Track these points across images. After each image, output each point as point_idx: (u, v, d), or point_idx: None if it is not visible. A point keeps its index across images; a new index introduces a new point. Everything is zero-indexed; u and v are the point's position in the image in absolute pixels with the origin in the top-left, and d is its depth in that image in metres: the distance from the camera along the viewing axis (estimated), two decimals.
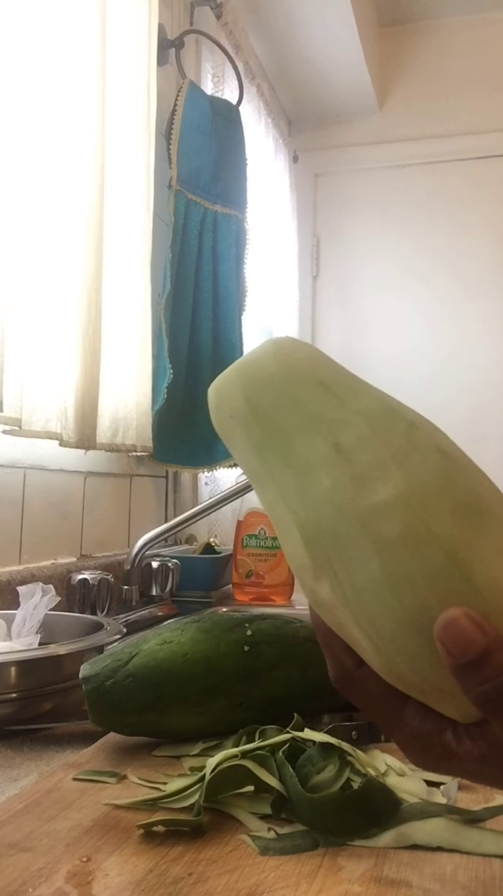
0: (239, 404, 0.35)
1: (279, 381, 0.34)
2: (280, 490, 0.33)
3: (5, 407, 0.99)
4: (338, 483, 0.31)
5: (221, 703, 0.62)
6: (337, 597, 0.31)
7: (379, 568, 0.30)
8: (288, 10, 2.10)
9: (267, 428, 0.34)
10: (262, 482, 0.34)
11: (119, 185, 1.28)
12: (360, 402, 0.33)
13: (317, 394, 0.34)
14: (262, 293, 2.15)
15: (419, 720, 0.33)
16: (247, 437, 0.34)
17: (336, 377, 0.34)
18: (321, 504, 0.31)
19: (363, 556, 0.30)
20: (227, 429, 0.36)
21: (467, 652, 0.29)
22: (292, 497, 0.32)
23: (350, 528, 0.30)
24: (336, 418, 0.33)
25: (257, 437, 0.34)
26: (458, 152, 2.60)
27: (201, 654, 0.63)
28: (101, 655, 0.66)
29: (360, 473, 0.31)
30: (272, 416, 0.34)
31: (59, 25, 1.11)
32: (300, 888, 0.42)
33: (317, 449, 0.32)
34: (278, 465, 0.33)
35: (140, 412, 1.33)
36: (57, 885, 0.42)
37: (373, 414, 0.33)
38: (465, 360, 2.56)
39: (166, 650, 0.63)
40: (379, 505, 0.30)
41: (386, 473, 0.31)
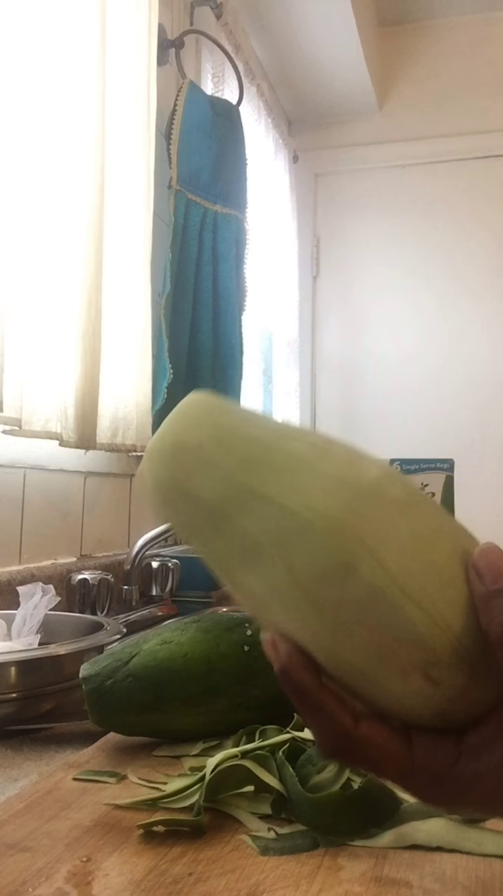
0: (206, 433, 0.33)
1: (231, 409, 0.34)
2: (277, 499, 0.31)
3: (5, 407, 0.99)
4: (337, 469, 0.31)
5: (221, 702, 0.62)
6: (373, 576, 0.30)
7: (407, 526, 0.30)
8: (288, 10, 2.10)
9: (242, 444, 0.33)
10: (238, 509, 0.32)
11: (119, 185, 1.28)
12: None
13: (263, 418, 0.34)
14: (262, 293, 2.16)
15: (430, 756, 0.31)
16: (217, 465, 0.32)
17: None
18: (335, 485, 0.31)
19: (390, 521, 0.31)
20: (187, 468, 0.33)
21: (499, 580, 0.29)
22: (302, 493, 0.31)
23: (368, 499, 0.31)
24: (293, 429, 0.34)
25: (231, 459, 0.32)
26: (458, 152, 2.60)
27: (201, 654, 0.63)
28: (100, 655, 0.66)
29: (347, 460, 0.32)
30: (245, 432, 0.33)
31: (60, 26, 1.11)
32: (300, 888, 0.42)
33: (301, 449, 0.32)
34: (267, 474, 0.32)
35: (140, 412, 1.33)
36: (57, 884, 0.42)
37: (309, 430, 0.34)
38: (465, 359, 2.56)
39: (166, 650, 0.63)
40: (378, 478, 0.31)
41: (362, 459, 0.32)
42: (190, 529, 0.33)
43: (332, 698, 0.32)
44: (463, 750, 0.31)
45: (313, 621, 0.30)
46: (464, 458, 1.86)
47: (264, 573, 0.31)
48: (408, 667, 0.30)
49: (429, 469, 0.95)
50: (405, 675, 0.30)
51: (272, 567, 0.31)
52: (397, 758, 0.32)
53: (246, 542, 0.31)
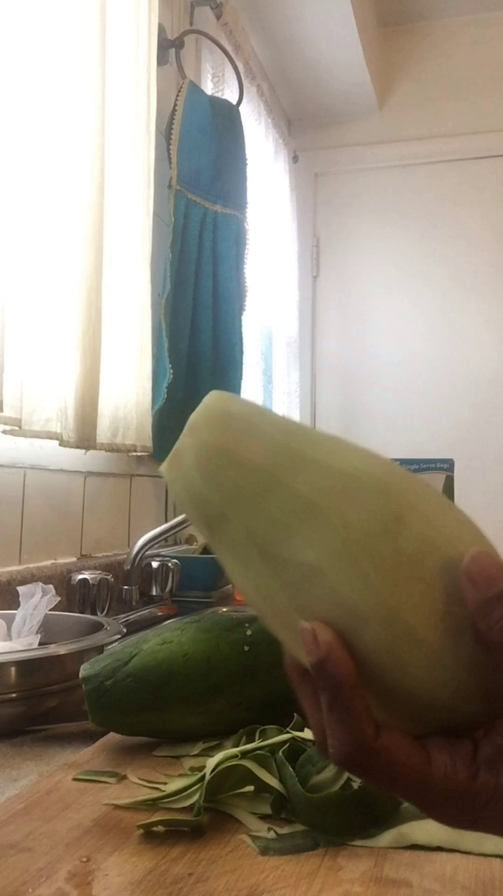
0: (248, 405, 0.35)
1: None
2: (325, 461, 0.32)
3: (5, 407, 0.99)
4: (363, 451, 0.34)
5: (221, 703, 0.62)
6: (424, 527, 0.31)
7: (435, 494, 0.33)
8: (288, 10, 2.10)
9: (281, 421, 0.34)
10: (289, 471, 0.33)
11: (119, 185, 1.28)
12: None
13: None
14: (262, 293, 2.15)
15: (451, 769, 0.30)
16: (263, 431, 0.34)
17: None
18: (372, 458, 0.33)
19: (423, 487, 0.33)
20: (234, 434, 0.34)
21: (493, 585, 0.29)
22: (346, 459, 0.33)
23: (401, 475, 0.33)
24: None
25: (274, 427, 0.34)
26: (458, 152, 2.60)
27: (201, 655, 0.63)
28: (100, 655, 0.66)
29: (361, 448, 0.34)
30: (277, 416, 0.35)
31: (60, 26, 1.11)
32: (300, 888, 0.42)
33: (326, 435, 0.34)
34: (309, 443, 0.33)
35: (140, 412, 1.33)
36: (57, 885, 0.42)
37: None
38: (465, 359, 2.56)
39: (166, 650, 0.63)
40: (393, 462, 0.33)
41: (367, 450, 0.34)
42: (231, 502, 0.33)
43: (361, 702, 0.30)
44: (481, 763, 0.30)
45: (373, 578, 0.30)
46: (464, 458, 1.86)
47: (318, 535, 0.31)
48: (463, 628, 0.30)
49: (429, 469, 0.95)
50: (458, 637, 0.30)
51: (327, 527, 0.31)
52: (416, 772, 0.30)
53: (298, 504, 0.32)
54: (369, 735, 0.30)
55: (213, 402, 0.35)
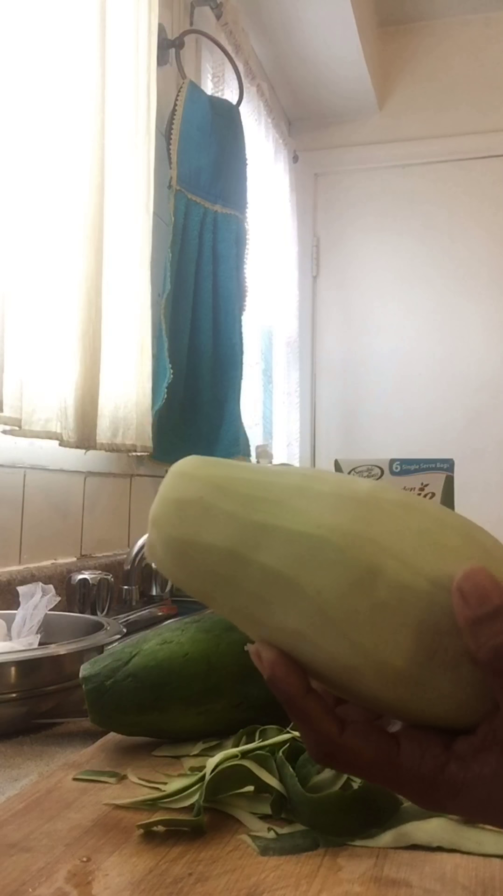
0: (202, 485, 0.34)
1: (219, 462, 0.35)
2: (289, 527, 0.32)
3: (5, 407, 0.99)
4: (333, 488, 0.32)
5: (221, 703, 0.62)
6: (399, 573, 0.30)
7: (415, 522, 0.31)
8: (288, 10, 2.10)
9: (240, 486, 0.34)
10: (253, 547, 0.32)
11: (119, 185, 1.28)
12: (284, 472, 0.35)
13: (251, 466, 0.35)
14: (262, 293, 2.15)
15: (419, 759, 0.31)
16: (221, 510, 0.33)
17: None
18: (338, 502, 0.32)
19: (399, 522, 0.31)
20: (193, 522, 0.34)
21: (485, 603, 0.29)
22: (311, 517, 0.32)
23: (372, 508, 0.32)
24: (280, 468, 0.35)
25: (233, 502, 0.33)
26: (458, 152, 2.60)
27: (201, 654, 0.63)
28: (100, 655, 0.66)
29: (338, 481, 0.33)
30: (239, 476, 0.34)
31: (60, 26, 1.11)
32: (300, 888, 0.42)
33: (295, 480, 0.33)
34: (271, 507, 0.33)
35: (140, 412, 1.33)
36: (57, 885, 0.42)
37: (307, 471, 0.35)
38: (465, 359, 2.56)
39: (166, 650, 0.63)
40: (373, 488, 0.32)
41: (349, 480, 0.33)
42: (210, 584, 0.34)
43: (317, 705, 0.32)
44: (451, 756, 0.31)
45: (354, 636, 0.30)
46: (464, 458, 1.87)
47: (294, 603, 0.31)
48: (458, 657, 0.30)
49: (429, 469, 0.95)
50: (455, 668, 0.30)
51: (300, 595, 0.31)
52: (383, 762, 0.32)
53: (268, 578, 0.32)
54: (332, 732, 0.32)
55: (166, 492, 0.35)
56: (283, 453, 2.37)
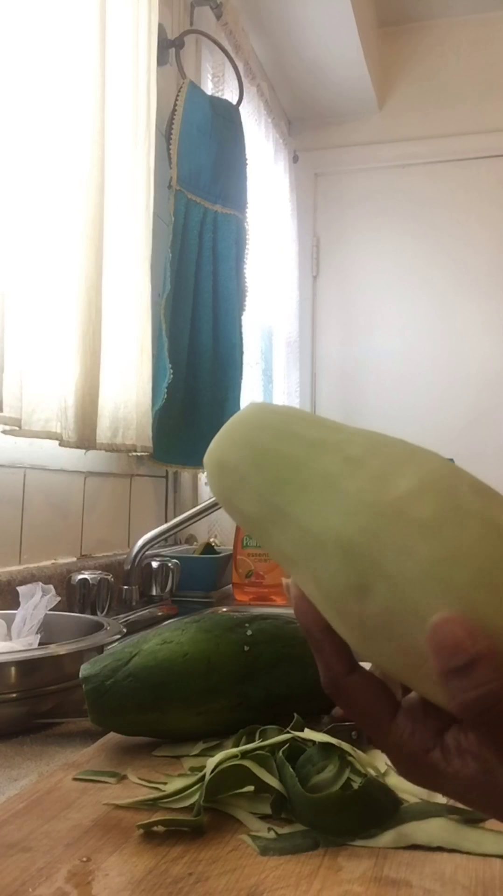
0: (243, 452, 0.35)
1: (274, 423, 0.36)
2: (300, 519, 0.33)
3: (5, 407, 0.99)
4: (362, 485, 0.32)
5: (221, 703, 0.62)
6: (388, 599, 0.30)
7: (427, 550, 0.30)
8: (288, 10, 2.10)
9: (274, 463, 0.34)
10: (273, 525, 0.34)
11: (119, 185, 1.28)
12: (352, 429, 0.35)
13: (313, 426, 0.35)
14: (262, 293, 2.15)
15: (408, 734, 0.32)
16: (251, 484, 0.35)
17: (319, 418, 0.36)
18: (354, 506, 0.31)
19: (408, 545, 0.30)
20: (229, 486, 0.36)
21: (456, 655, 0.28)
22: (321, 515, 0.32)
23: (388, 521, 0.31)
24: (337, 439, 0.34)
25: (262, 478, 0.34)
26: (458, 152, 2.60)
27: (201, 654, 0.63)
28: (101, 655, 0.66)
29: (378, 474, 0.32)
30: (278, 450, 0.35)
31: (59, 25, 1.11)
32: (300, 888, 0.42)
33: (331, 465, 0.33)
34: (293, 493, 0.33)
35: (140, 412, 1.33)
36: (57, 884, 0.42)
37: (368, 433, 0.35)
38: (466, 359, 2.56)
39: (166, 650, 0.63)
40: (406, 495, 0.31)
41: (400, 469, 0.32)
42: (247, 530, 0.37)
43: (330, 644, 0.33)
44: (438, 744, 0.31)
45: (343, 630, 0.32)
46: (465, 458, 1.86)
47: (301, 580, 0.34)
48: (439, 678, 0.30)
49: None
50: (435, 684, 0.30)
51: (305, 578, 0.33)
52: (377, 719, 0.33)
53: (283, 554, 0.34)
54: (338, 671, 0.33)
55: (216, 447, 0.37)
56: None
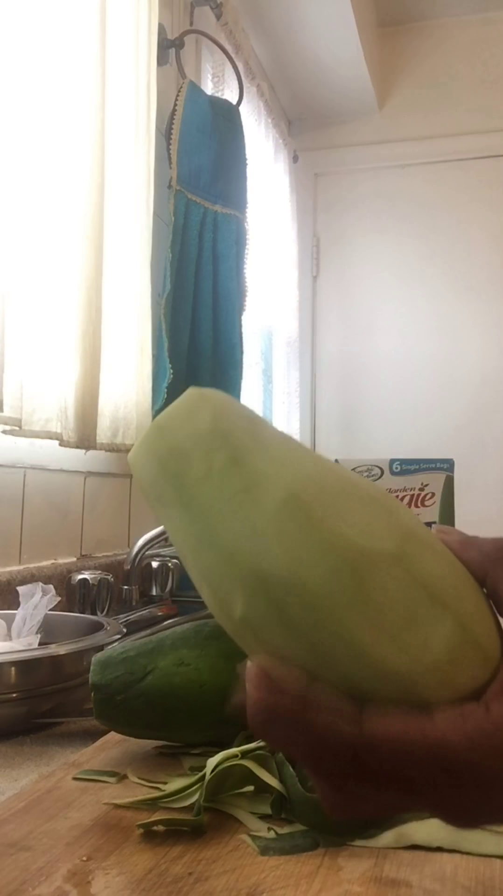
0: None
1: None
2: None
3: (5, 407, 0.99)
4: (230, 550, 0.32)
5: (231, 730, 0.61)
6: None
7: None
8: (288, 10, 2.10)
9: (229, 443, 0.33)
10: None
11: (119, 185, 1.28)
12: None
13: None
14: (262, 293, 2.15)
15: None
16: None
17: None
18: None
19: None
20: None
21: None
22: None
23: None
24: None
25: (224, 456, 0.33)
26: (458, 152, 2.60)
27: (219, 687, 0.60)
28: (113, 656, 0.63)
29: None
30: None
31: (60, 26, 1.11)
32: (300, 888, 0.42)
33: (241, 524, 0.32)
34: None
35: (140, 412, 1.33)
36: (57, 884, 0.42)
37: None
38: (465, 359, 2.56)
39: (183, 676, 0.60)
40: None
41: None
42: None
43: (322, 708, 0.27)
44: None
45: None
46: (464, 458, 1.87)
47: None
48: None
49: (429, 469, 0.95)
50: None
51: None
52: (436, 757, 0.26)
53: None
54: (348, 734, 0.27)
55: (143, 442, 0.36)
56: None
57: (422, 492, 0.94)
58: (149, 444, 0.35)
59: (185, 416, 0.35)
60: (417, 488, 0.94)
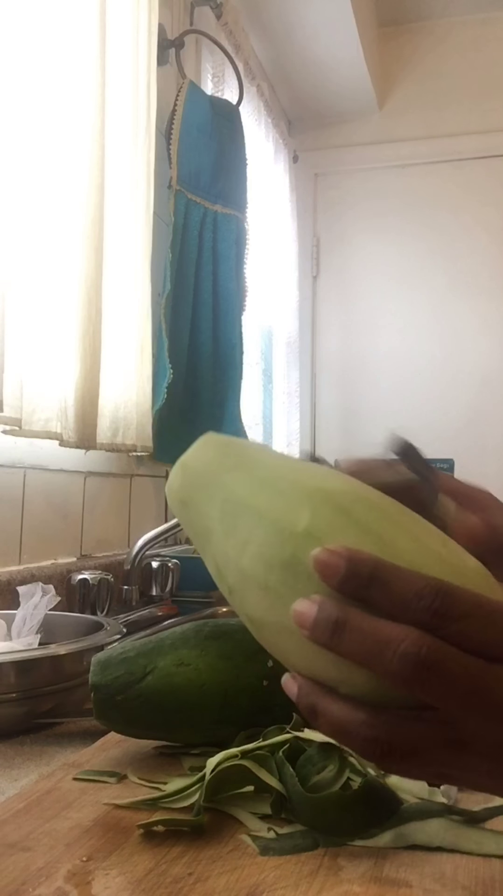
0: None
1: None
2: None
3: (5, 407, 0.99)
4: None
5: (231, 730, 0.61)
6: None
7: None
8: (288, 10, 2.10)
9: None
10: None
11: (119, 185, 1.28)
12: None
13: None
14: (262, 293, 2.15)
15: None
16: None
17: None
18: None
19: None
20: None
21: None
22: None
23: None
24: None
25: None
26: (458, 152, 2.60)
27: (219, 687, 0.60)
28: (111, 656, 0.63)
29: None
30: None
31: (60, 26, 1.11)
32: (300, 888, 0.42)
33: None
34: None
35: (140, 412, 1.33)
36: (57, 884, 0.42)
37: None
38: (466, 359, 2.56)
39: (182, 676, 0.60)
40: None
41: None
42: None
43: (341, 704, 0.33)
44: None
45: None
46: (464, 458, 1.86)
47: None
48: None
49: None
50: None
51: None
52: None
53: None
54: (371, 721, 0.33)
55: (171, 483, 0.42)
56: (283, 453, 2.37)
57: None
58: (205, 440, 0.42)
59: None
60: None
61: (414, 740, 0.31)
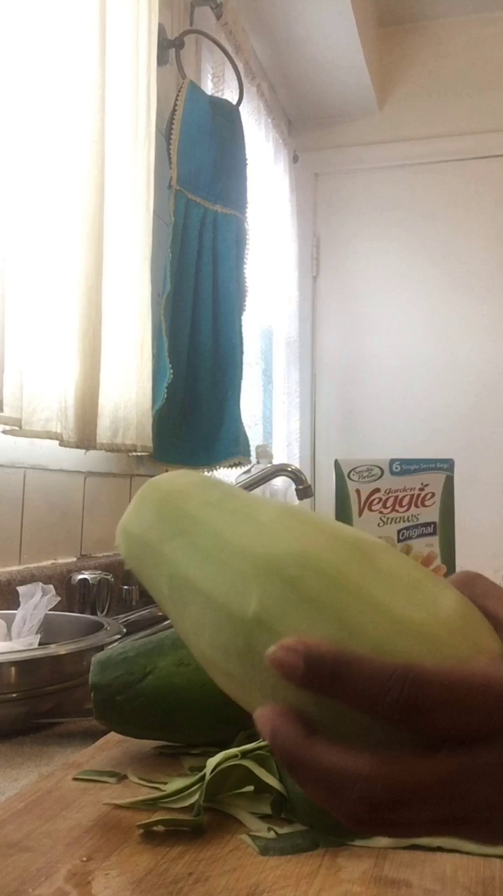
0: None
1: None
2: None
3: (5, 407, 0.99)
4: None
5: (231, 730, 0.61)
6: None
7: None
8: (288, 10, 2.10)
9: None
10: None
11: (119, 184, 1.28)
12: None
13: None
14: (262, 293, 2.15)
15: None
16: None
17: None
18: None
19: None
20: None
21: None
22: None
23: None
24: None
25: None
26: (459, 152, 2.60)
27: (218, 688, 0.60)
28: (112, 656, 0.63)
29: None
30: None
31: (60, 26, 1.11)
32: (300, 888, 0.42)
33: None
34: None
35: (140, 412, 1.33)
36: (57, 884, 0.42)
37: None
38: (466, 359, 2.56)
39: (183, 675, 0.60)
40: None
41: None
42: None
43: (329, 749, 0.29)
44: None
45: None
46: (464, 458, 1.87)
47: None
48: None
49: (429, 469, 0.95)
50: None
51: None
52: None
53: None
54: (360, 769, 0.29)
55: (127, 519, 0.40)
56: (283, 453, 2.37)
57: (422, 492, 0.94)
58: (143, 498, 0.39)
59: (173, 476, 0.40)
60: (417, 488, 0.94)
61: (414, 811, 0.28)
